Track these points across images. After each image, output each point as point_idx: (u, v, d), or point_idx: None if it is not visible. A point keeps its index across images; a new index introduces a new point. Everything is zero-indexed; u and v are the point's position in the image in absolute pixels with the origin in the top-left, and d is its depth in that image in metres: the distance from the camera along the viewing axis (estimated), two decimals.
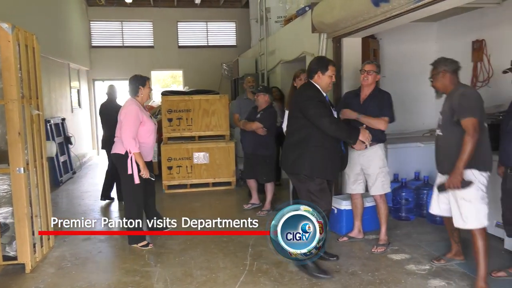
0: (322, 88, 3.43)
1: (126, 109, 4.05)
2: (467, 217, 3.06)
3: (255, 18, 9.08)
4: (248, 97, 5.96)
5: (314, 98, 3.34)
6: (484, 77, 4.78)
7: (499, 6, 4.42)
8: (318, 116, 3.28)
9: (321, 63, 3.46)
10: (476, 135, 2.89)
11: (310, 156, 3.33)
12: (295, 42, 6.19)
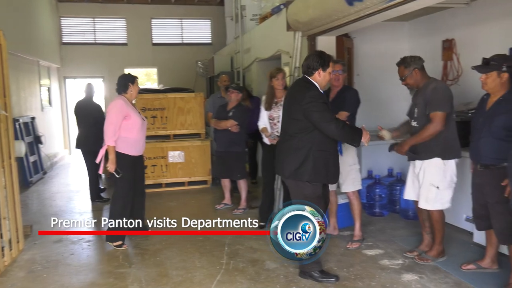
0: (320, 85, 3.21)
1: (111, 104, 4.09)
2: (431, 200, 3.41)
3: (230, 16, 9.05)
4: (223, 96, 5.95)
5: (318, 100, 3.10)
6: (453, 76, 4.91)
7: (468, 6, 4.54)
8: (324, 121, 3.07)
9: (323, 59, 3.19)
10: (438, 127, 3.24)
11: (313, 161, 3.12)
12: (271, 40, 6.20)
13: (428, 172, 3.42)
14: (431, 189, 3.40)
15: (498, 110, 2.91)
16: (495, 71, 2.89)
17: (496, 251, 3.30)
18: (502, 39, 4.18)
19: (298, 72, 5.04)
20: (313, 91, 3.15)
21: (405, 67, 3.42)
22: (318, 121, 3.07)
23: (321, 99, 3.13)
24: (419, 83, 3.43)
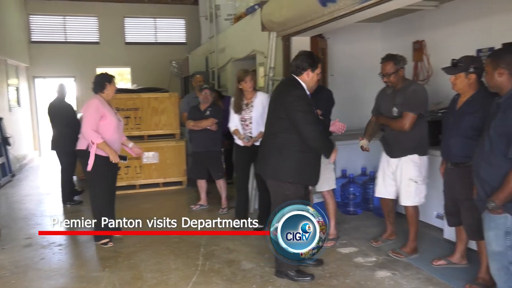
0: (307, 86, 3.17)
1: (86, 104, 4.04)
2: (411, 195, 3.56)
3: (205, 16, 9.00)
4: (198, 96, 5.92)
5: (302, 99, 3.07)
6: (424, 76, 5.03)
7: (437, 8, 4.66)
8: (303, 122, 3.03)
9: (312, 59, 3.17)
10: (406, 127, 3.42)
11: (296, 162, 3.10)
12: (245, 40, 6.20)
13: (406, 169, 3.56)
14: (410, 184, 3.54)
15: (467, 110, 3.00)
16: (463, 73, 2.97)
17: (465, 246, 3.40)
18: (470, 41, 4.31)
19: (273, 72, 5.06)
20: (299, 90, 3.12)
21: (394, 64, 3.50)
22: (299, 121, 3.03)
23: (307, 99, 3.11)
24: (399, 82, 3.53)
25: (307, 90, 3.17)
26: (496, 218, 2.33)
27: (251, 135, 4.36)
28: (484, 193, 2.39)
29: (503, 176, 2.26)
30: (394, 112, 3.54)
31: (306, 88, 3.16)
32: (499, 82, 2.38)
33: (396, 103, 3.53)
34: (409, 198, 3.57)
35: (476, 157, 2.48)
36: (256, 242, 4.14)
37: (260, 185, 4.55)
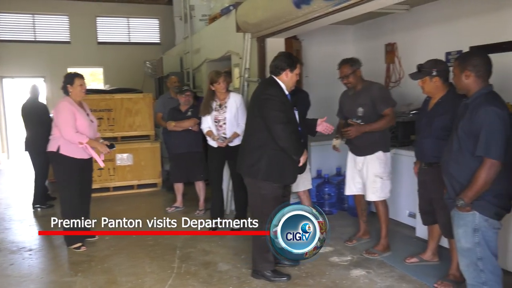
0: (286, 86, 3.20)
1: (56, 108, 3.96)
2: (378, 191, 3.70)
3: (179, 16, 8.91)
4: (172, 96, 5.89)
5: (275, 98, 3.09)
6: (396, 78, 5.14)
7: (408, 12, 4.77)
8: (274, 120, 3.04)
9: (290, 60, 3.21)
10: (393, 122, 3.63)
11: (268, 159, 3.11)
12: (220, 41, 6.18)
13: (372, 165, 3.69)
14: (376, 180, 3.69)
15: (437, 112, 3.09)
16: (427, 77, 3.07)
17: (437, 244, 3.49)
18: (439, 44, 4.43)
19: (248, 73, 5.07)
20: (274, 89, 3.15)
21: (350, 65, 3.66)
22: (270, 119, 3.06)
23: (281, 98, 3.11)
24: (358, 83, 3.69)
25: (285, 90, 3.19)
26: (464, 215, 2.40)
27: (225, 136, 4.36)
28: (453, 191, 2.47)
29: (471, 174, 2.34)
30: (359, 112, 3.66)
31: (285, 88, 3.19)
32: (466, 84, 2.47)
33: (361, 104, 3.65)
34: (375, 193, 3.71)
35: (445, 156, 2.55)
36: (232, 244, 4.14)
37: (236, 186, 4.55)
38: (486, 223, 2.36)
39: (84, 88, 4.05)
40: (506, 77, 3.41)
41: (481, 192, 2.31)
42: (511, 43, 3.58)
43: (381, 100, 3.59)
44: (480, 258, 2.37)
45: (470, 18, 4.13)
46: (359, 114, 3.67)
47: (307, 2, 3.60)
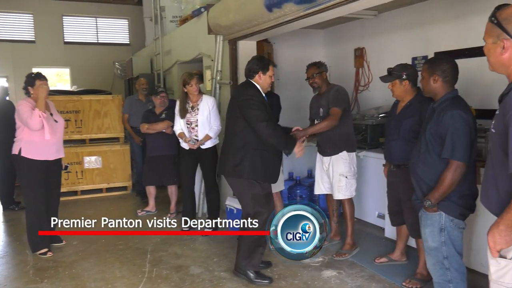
0: (262, 88, 3.30)
1: (17, 112, 3.83)
2: (343, 189, 3.81)
3: (149, 17, 8.80)
4: (140, 98, 5.83)
5: (254, 98, 3.20)
6: (365, 82, 5.26)
7: (376, 17, 4.89)
8: (256, 119, 3.13)
9: (262, 63, 3.32)
10: (334, 122, 3.67)
11: (251, 159, 3.17)
12: (192, 42, 6.15)
13: (337, 165, 3.81)
14: (341, 179, 3.81)
15: (405, 114, 3.18)
16: (397, 80, 3.16)
17: (405, 244, 3.59)
18: (406, 49, 4.57)
19: (220, 75, 5.06)
20: (252, 90, 3.25)
21: (317, 67, 3.84)
22: (251, 118, 3.13)
23: (258, 98, 3.22)
24: (323, 85, 3.85)
25: (262, 91, 3.29)
26: (431, 216, 2.48)
27: (197, 138, 4.33)
28: (421, 192, 2.55)
29: (438, 175, 2.42)
30: (321, 112, 3.82)
31: (261, 90, 3.29)
32: (434, 88, 2.56)
33: (322, 105, 3.81)
34: (340, 192, 3.83)
35: (413, 158, 2.63)
36: (204, 247, 4.12)
37: (208, 188, 4.53)
38: (452, 223, 2.45)
39: (46, 89, 3.91)
40: (469, 82, 3.55)
41: (447, 192, 2.39)
42: (473, 49, 3.72)
43: (332, 100, 3.72)
44: (446, 257, 2.46)
45: (435, 25, 4.28)
46: (320, 115, 3.83)
47: (278, 5, 3.64)
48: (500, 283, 1.69)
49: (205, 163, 4.44)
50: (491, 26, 1.66)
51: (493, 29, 1.65)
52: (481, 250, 3.19)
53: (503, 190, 1.66)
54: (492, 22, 1.65)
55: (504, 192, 1.64)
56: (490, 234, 1.67)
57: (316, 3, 3.27)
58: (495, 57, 1.67)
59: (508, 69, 1.66)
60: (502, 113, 1.62)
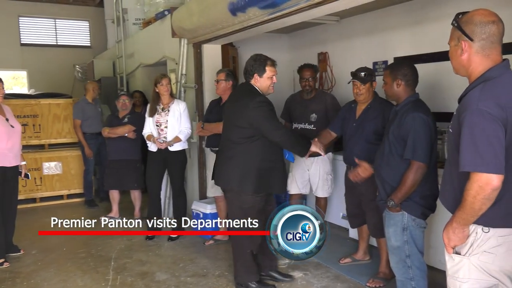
0: (262, 91, 3.01)
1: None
2: (328, 188, 4.06)
3: (111, 19, 8.61)
4: (90, 102, 5.73)
5: (265, 106, 2.93)
6: (328, 86, 5.36)
7: (339, 23, 5.00)
8: (273, 128, 2.92)
9: (257, 64, 2.99)
10: None
11: (256, 171, 2.95)
12: (155, 45, 6.06)
13: (324, 165, 4.00)
14: (328, 177, 4.04)
15: (367, 117, 3.26)
16: (368, 82, 3.25)
17: (367, 244, 3.68)
18: (367, 54, 4.69)
19: (185, 79, 5.02)
20: (259, 96, 2.97)
21: (314, 71, 3.99)
22: (269, 128, 2.91)
23: (268, 105, 2.96)
24: (313, 89, 4.03)
25: (262, 92, 3.04)
26: (394, 215, 2.56)
27: (166, 140, 4.27)
28: (385, 193, 2.62)
29: (401, 176, 2.50)
30: (312, 118, 3.95)
31: (263, 93, 3.03)
32: (397, 92, 2.66)
33: (315, 110, 3.95)
34: (325, 190, 4.05)
35: (377, 159, 2.71)
36: (170, 252, 4.06)
37: (175, 193, 4.48)
38: (414, 223, 2.54)
39: (1, 92, 3.78)
40: (426, 86, 3.69)
41: (409, 193, 2.48)
42: (431, 54, 3.88)
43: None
44: (408, 255, 2.54)
45: (394, 31, 4.42)
46: (311, 120, 3.93)
47: (242, 10, 3.65)
48: (455, 278, 1.76)
49: (172, 168, 4.39)
50: (453, 29, 1.74)
51: (454, 32, 1.73)
52: (439, 248, 3.31)
53: (458, 188, 1.72)
54: (454, 25, 1.73)
55: (459, 190, 1.69)
56: (444, 232, 1.75)
57: (280, 8, 3.30)
58: (456, 58, 1.74)
59: (468, 70, 1.72)
60: (458, 114, 1.69)
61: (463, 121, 1.61)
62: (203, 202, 4.53)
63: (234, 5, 3.66)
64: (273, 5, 3.30)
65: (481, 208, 1.60)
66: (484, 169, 1.55)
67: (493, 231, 1.67)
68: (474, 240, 1.69)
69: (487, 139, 1.55)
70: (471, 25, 1.66)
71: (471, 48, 1.67)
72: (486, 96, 1.59)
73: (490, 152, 1.55)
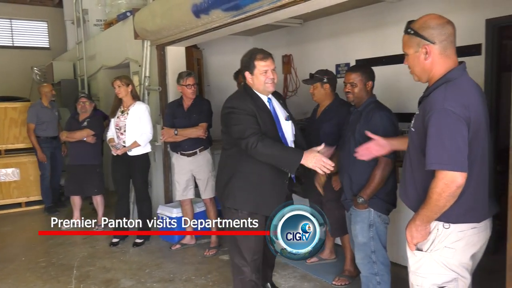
0: (258, 90, 2.54)
1: None
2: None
3: (71, 20, 8.37)
4: (46, 105, 5.57)
5: (236, 110, 2.44)
6: (293, 88, 5.42)
7: (302, 26, 5.07)
8: (240, 135, 2.38)
9: (246, 59, 2.58)
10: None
11: (239, 183, 2.48)
12: (118, 47, 5.94)
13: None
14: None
15: (324, 118, 3.34)
16: (318, 83, 3.31)
17: (333, 243, 3.75)
18: (330, 56, 4.78)
19: (148, 81, 4.94)
20: (237, 99, 2.54)
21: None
22: (236, 135, 2.41)
23: (244, 108, 2.44)
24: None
25: (260, 95, 2.56)
26: (361, 213, 2.64)
27: (124, 145, 4.18)
28: (351, 192, 2.69)
29: (369, 174, 2.57)
30: None
31: (259, 92, 2.56)
32: (364, 93, 2.75)
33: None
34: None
35: (343, 160, 2.77)
36: (135, 258, 3.99)
37: (139, 198, 4.40)
38: (379, 219, 2.63)
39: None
40: (385, 87, 3.80)
41: (378, 189, 2.57)
42: (390, 57, 4.00)
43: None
44: (374, 251, 2.62)
45: (355, 34, 4.52)
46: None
47: (206, 12, 3.63)
48: (418, 274, 1.82)
49: (134, 172, 4.30)
50: (409, 37, 1.76)
51: (411, 39, 1.75)
52: (402, 244, 3.41)
53: (420, 186, 1.76)
54: (409, 33, 1.75)
55: (422, 189, 1.74)
56: (408, 229, 1.80)
57: (243, 11, 3.32)
58: (419, 64, 1.76)
59: (430, 73, 1.76)
60: (422, 114, 1.72)
61: (428, 120, 1.64)
62: (169, 206, 4.47)
63: (197, 7, 3.64)
64: (236, 7, 3.31)
65: (445, 205, 1.65)
66: (450, 167, 1.60)
67: (453, 227, 1.73)
68: (436, 236, 1.75)
69: (453, 138, 1.60)
70: (429, 29, 1.70)
71: (434, 51, 1.71)
72: (451, 96, 1.64)
73: (456, 150, 1.60)
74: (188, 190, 4.13)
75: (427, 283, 1.79)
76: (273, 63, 2.61)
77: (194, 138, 3.97)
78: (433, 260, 1.77)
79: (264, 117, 2.48)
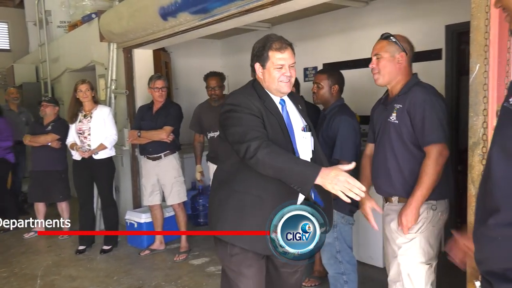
0: (268, 88, 1.96)
1: None
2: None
3: (33, 21, 8.11)
4: (12, 109, 5.45)
5: (237, 107, 1.86)
6: None
7: (270, 30, 5.12)
8: (239, 138, 1.79)
9: (258, 47, 1.98)
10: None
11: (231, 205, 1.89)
12: (83, 50, 5.80)
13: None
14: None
15: None
16: None
17: None
18: (298, 60, 4.79)
19: (115, 84, 4.85)
20: (240, 95, 1.95)
21: (220, 79, 3.95)
22: (232, 140, 1.84)
23: (247, 107, 1.85)
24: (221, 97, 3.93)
25: (271, 94, 1.98)
26: None
27: (90, 148, 4.09)
28: None
29: None
30: None
31: (271, 92, 1.97)
32: (329, 96, 2.81)
33: None
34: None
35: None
36: (103, 265, 3.90)
37: (104, 204, 4.30)
38: (343, 220, 2.68)
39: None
40: (352, 90, 3.89)
41: None
42: (355, 61, 4.10)
43: None
44: (339, 251, 2.68)
45: (323, 38, 4.61)
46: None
47: (173, 15, 3.61)
48: (408, 254, 2.04)
49: (99, 177, 4.20)
50: (388, 43, 2.07)
51: (390, 45, 2.07)
52: (369, 245, 3.50)
53: (408, 171, 2.01)
54: (390, 40, 2.07)
55: (409, 173, 2.00)
56: (403, 215, 1.99)
57: (211, 14, 3.32)
58: (391, 66, 2.07)
59: (397, 77, 2.08)
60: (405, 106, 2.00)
61: (420, 109, 1.96)
62: (137, 212, 4.40)
63: (164, 9, 3.61)
64: (204, 10, 3.31)
65: (436, 179, 1.92)
66: (445, 140, 1.96)
67: (438, 208, 2.02)
68: (426, 218, 2.01)
69: (443, 118, 1.98)
70: (405, 43, 2.08)
71: (406, 60, 2.08)
72: (430, 91, 2.03)
73: (446, 127, 1.98)
74: (154, 195, 4.07)
75: (415, 261, 2.02)
76: (292, 57, 2.02)
77: (159, 142, 3.91)
78: (423, 239, 2.02)
79: (273, 123, 1.88)
